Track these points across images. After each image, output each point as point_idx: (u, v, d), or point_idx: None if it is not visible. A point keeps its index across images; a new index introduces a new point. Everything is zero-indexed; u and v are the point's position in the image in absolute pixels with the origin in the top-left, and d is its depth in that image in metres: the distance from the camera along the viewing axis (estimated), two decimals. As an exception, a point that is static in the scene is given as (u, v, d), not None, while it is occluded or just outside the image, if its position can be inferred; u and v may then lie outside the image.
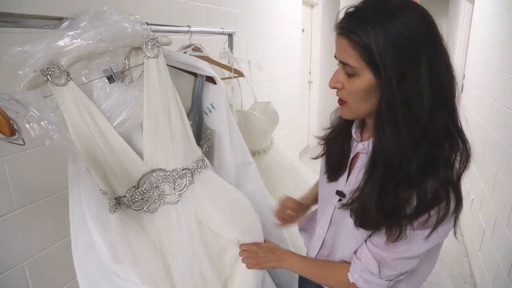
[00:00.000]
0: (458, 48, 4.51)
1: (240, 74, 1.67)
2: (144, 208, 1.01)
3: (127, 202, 0.98)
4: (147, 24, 1.13)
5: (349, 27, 0.71)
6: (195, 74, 1.25)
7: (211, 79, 1.28)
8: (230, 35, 1.75)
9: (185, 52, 1.40)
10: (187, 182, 1.04)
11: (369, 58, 0.70)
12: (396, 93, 0.69)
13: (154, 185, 1.01)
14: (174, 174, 1.02)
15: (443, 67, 0.71)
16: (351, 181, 0.90)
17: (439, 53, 0.70)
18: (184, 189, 1.04)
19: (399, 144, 0.71)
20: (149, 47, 0.97)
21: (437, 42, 0.71)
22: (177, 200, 1.04)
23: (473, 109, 3.21)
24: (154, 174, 1.00)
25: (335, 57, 0.78)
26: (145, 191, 0.99)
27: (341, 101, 0.82)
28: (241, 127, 1.60)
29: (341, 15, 0.74)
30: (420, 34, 0.68)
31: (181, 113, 1.04)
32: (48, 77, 0.82)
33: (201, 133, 1.25)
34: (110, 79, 0.95)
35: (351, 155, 0.92)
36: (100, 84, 0.95)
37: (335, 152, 0.96)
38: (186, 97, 1.26)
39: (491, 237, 2.25)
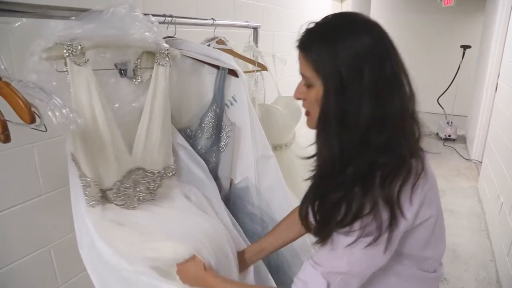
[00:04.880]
0: (493, 45, 4.31)
1: (263, 68, 1.67)
2: (125, 204, 1.02)
3: (111, 196, 0.98)
4: (172, 16, 1.15)
5: (304, 42, 0.78)
6: (217, 67, 1.26)
7: (233, 72, 1.29)
8: (255, 29, 1.75)
9: (209, 45, 1.41)
10: (157, 185, 1.10)
11: (317, 70, 0.75)
12: (332, 104, 0.73)
13: (135, 183, 1.03)
14: (150, 175, 1.07)
15: (389, 83, 0.73)
16: None
17: (385, 69, 0.72)
18: (155, 190, 1.09)
19: (332, 152, 0.74)
20: (161, 55, 1.04)
21: (386, 59, 0.72)
22: (152, 199, 1.09)
23: (505, 108, 3.08)
24: (137, 172, 1.03)
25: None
26: (128, 187, 1.01)
27: (307, 112, 0.85)
28: (263, 121, 1.61)
29: (302, 30, 0.80)
30: (365, 51, 0.71)
31: (169, 124, 1.10)
32: (70, 53, 0.82)
33: (221, 125, 1.26)
34: (121, 73, 1.01)
35: None
36: (111, 74, 1.00)
37: None
38: (208, 89, 1.28)
39: (520, 242, 2.17)
